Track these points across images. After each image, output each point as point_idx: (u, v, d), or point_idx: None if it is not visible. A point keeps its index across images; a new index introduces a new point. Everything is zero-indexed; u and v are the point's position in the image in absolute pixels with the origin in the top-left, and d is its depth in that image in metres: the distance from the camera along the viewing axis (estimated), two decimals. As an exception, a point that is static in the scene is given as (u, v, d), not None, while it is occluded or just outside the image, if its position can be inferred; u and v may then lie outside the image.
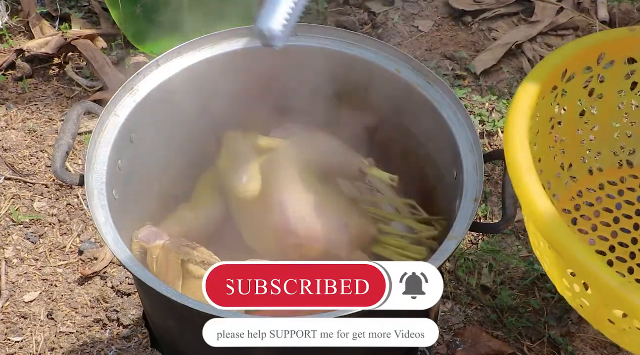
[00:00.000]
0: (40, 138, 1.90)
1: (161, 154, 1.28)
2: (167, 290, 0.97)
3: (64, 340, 1.54)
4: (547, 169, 1.05)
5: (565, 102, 1.02)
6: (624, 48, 1.02)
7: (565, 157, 1.07)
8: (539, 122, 0.98)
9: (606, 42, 1.01)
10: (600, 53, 1.01)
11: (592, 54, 1.00)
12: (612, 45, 1.01)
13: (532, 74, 0.96)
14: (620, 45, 1.02)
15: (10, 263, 1.66)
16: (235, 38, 1.27)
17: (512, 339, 1.52)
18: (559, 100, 1.01)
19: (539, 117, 0.98)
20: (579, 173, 1.11)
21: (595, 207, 1.11)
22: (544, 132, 1.01)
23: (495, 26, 2.21)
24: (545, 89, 0.96)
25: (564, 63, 0.98)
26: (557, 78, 0.98)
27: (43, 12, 2.21)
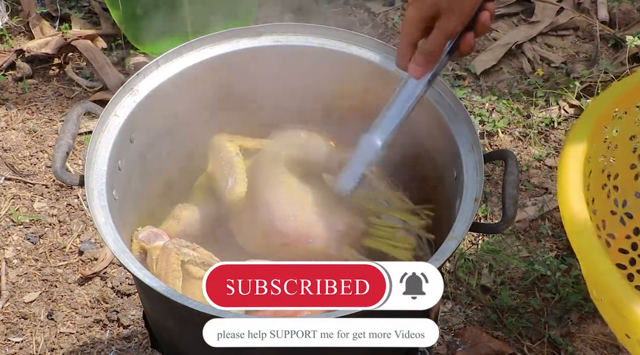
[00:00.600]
0: (40, 138, 1.90)
1: (161, 154, 1.28)
2: (167, 291, 0.97)
3: (63, 340, 1.54)
4: (600, 208, 1.02)
5: (617, 139, 1.00)
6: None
7: (619, 193, 1.04)
8: (591, 163, 0.97)
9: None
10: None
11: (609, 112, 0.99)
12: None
13: (581, 119, 0.93)
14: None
15: (10, 263, 1.66)
16: (235, 38, 1.27)
17: (512, 339, 1.52)
18: (611, 138, 0.99)
19: (592, 159, 0.97)
20: (635, 209, 1.08)
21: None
22: (597, 170, 0.99)
23: (495, 26, 2.22)
24: (596, 131, 0.94)
25: (614, 103, 0.96)
26: (608, 118, 0.96)
27: (43, 12, 2.21)
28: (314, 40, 1.27)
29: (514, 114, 1.95)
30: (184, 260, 1.15)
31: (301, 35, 1.27)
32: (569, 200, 0.87)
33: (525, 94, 2.00)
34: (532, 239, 1.70)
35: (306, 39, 1.27)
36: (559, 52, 2.14)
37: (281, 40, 1.27)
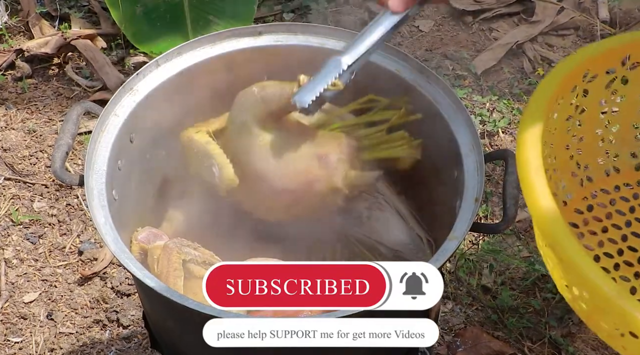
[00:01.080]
0: (40, 138, 1.90)
1: (161, 154, 1.28)
2: (167, 291, 0.97)
3: (63, 340, 1.53)
4: (562, 168, 1.03)
5: (586, 102, 1.01)
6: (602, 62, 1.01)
7: (582, 157, 1.05)
8: (557, 121, 0.97)
9: (632, 43, 0.99)
10: (626, 54, 0.99)
11: (616, 55, 0.98)
12: (638, 47, 0.99)
13: (552, 72, 0.94)
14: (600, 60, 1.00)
15: (10, 263, 1.66)
16: (235, 38, 1.27)
17: (512, 340, 1.52)
18: (580, 100, 0.99)
19: (558, 116, 0.97)
20: (595, 173, 1.09)
21: (608, 209, 1.10)
22: (561, 130, 0.99)
23: (496, 26, 2.21)
24: (564, 88, 0.95)
25: (586, 63, 0.96)
26: (578, 78, 0.96)
27: (42, 11, 2.21)
28: (314, 40, 1.27)
29: (514, 113, 1.95)
30: (185, 259, 1.14)
31: (301, 35, 1.27)
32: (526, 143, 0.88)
33: (526, 93, 2.00)
34: (532, 239, 1.69)
35: (306, 39, 1.27)
36: (560, 51, 2.14)
37: (281, 40, 1.27)
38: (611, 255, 1.05)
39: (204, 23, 2.03)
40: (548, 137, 0.97)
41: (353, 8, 2.25)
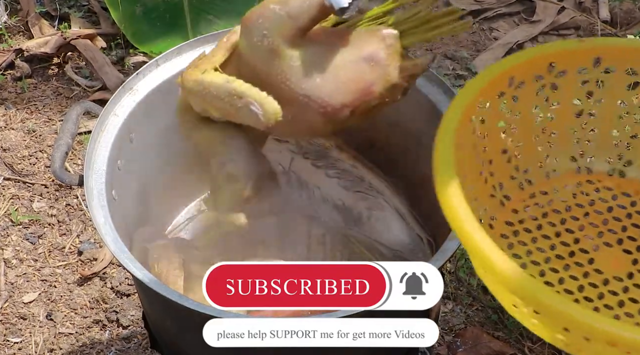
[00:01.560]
0: (40, 138, 1.90)
1: (161, 153, 1.27)
2: (166, 291, 0.97)
3: (63, 341, 1.53)
4: (498, 172, 1.04)
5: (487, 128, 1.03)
6: (573, 58, 1.02)
7: (520, 160, 1.06)
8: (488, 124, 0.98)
9: (555, 52, 1.01)
10: (550, 62, 1.02)
11: (541, 62, 1.00)
12: (561, 56, 1.01)
13: (475, 79, 0.96)
14: (569, 55, 1.02)
15: (9, 263, 1.65)
16: (234, 37, 1.26)
17: (512, 340, 1.52)
18: (511, 106, 1.01)
19: (487, 120, 0.98)
20: (535, 177, 1.10)
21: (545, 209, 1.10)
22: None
23: (496, 25, 2.21)
24: (489, 92, 0.96)
25: (510, 69, 0.98)
26: (504, 84, 0.98)
27: (42, 11, 2.21)
28: (314, 39, 1.27)
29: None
30: (185, 258, 1.14)
31: (301, 35, 1.27)
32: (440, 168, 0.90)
33: (525, 93, 2.00)
34: (533, 239, 1.69)
35: (306, 39, 1.27)
36: (560, 51, 2.14)
37: (281, 39, 1.27)
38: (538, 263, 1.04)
39: (203, 23, 2.03)
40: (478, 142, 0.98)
41: (353, 8, 2.25)
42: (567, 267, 1.00)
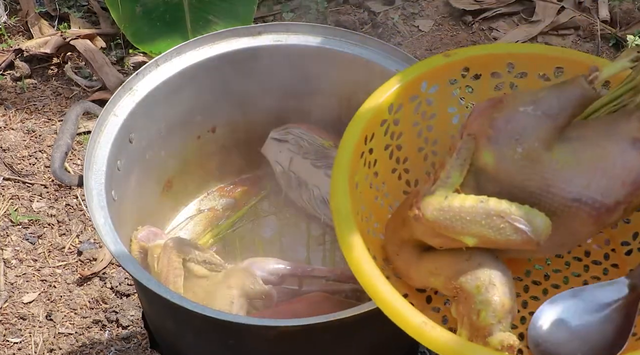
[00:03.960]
0: (39, 138, 1.90)
1: (160, 153, 1.27)
2: (166, 291, 0.97)
3: (62, 341, 1.53)
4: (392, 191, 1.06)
5: (402, 128, 1.05)
6: (442, 73, 1.05)
7: (410, 175, 1.08)
8: (376, 152, 1.00)
9: (425, 71, 1.04)
10: (422, 82, 1.04)
11: (415, 83, 1.03)
12: (430, 73, 1.04)
13: (356, 116, 0.98)
14: (439, 71, 1.04)
15: (9, 264, 1.65)
16: (234, 37, 1.27)
17: (512, 340, 1.52)
18: (393, 128, 1.03)
19: (375, 149, 1.00)
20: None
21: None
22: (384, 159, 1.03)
23: (496, 25, 2.21)
24: (372, 126, 0.99)
25: (389, 99, 1.00)
26: (384, 112, 1.00)
27: (42, 11, 2.21)
28: (314, 40, 1.27)
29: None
30: (185, 258, 1.14)
31: (301, 35, 1.27)
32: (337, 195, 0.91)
33: (525, 93, 2.00)
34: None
35: (306, 39, 1.27)
36: (560, 51, 2.14)
37: (281, 40, 1.27)
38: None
39: (203, 23, 2.03)
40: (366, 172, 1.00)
41: (353, 8, 2.25)
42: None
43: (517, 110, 0.89)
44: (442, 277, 0.90)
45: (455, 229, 0.86)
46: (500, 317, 0.84)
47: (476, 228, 0.86)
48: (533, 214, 0.85)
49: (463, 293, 0.87)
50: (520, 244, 0.86)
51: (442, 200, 0.87)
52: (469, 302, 0.86)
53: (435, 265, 0.91)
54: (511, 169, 0.88)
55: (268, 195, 1.38)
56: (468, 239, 0.87)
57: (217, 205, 1.39)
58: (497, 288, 0.86)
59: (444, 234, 0.88)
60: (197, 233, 1.34)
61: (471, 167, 0.91)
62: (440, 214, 0.87)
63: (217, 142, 1.34)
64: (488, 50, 1.08)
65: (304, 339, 1.03)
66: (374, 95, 1.00)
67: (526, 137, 0.88)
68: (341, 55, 1.25)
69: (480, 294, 0.86)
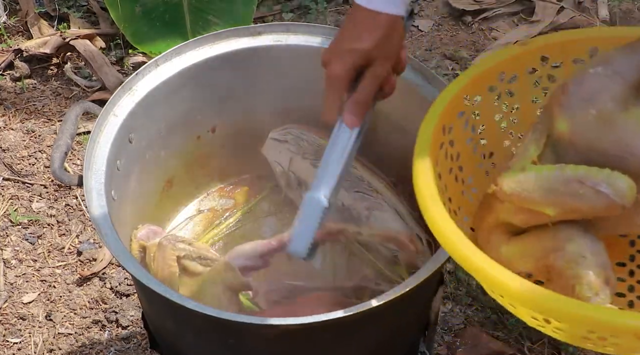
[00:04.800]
0: (39, 138, 1.90)
1: (160, 153, 1.27)
2: (166, 291, 0.97)
3: (62, 341, 1.53)
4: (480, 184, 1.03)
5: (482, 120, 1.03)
6: (521, 62, 1.02)
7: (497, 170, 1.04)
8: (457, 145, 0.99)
9: (502, 61, 1.01)
10: (500, 72, 1.01)
11: (492, 74, 1.01)
12: (508, 63, 1.02)
13: (431, 108, 0.96)
14: (517, 61, 1.02)
15: (9, 264, 1.65)
16: (234, 38, 1.27)
17: (512, 340, 1.52)
18: (473, 121, 1.01)
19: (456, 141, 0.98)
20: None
21: None
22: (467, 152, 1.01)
23: (495, 25, 2.21)
24: (449, 117, 0.97)
25: (465, 89, 0.98)
26: (460, 103, 0.98)
27: (41, 11, 2.21)
28: (314, 40, 1.27)
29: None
30: (179, 255, 1.14)
31: (301, 35, 1.27)
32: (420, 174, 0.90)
33: (525, 93, 2.00)
34: (532, 239, 1.69)
35: (306, 39, 1.27)
36: (559, 51, 2.14)
37: (281, 40, 1.27)
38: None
39: (203, 23, 2.03)
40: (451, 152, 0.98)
41: (352, 8, 2.25)
42: None
43: (587, 72, 0.86)
44: (532, 259, 0.87)
45: (535, 200, 0.83)
46: (596, 290, 0.80)
47: (555, 196, 0.82)
48: (614, 177, 0.81)
49: (555, 271, 0.84)
50: (604, 209, 0.81)
51: (518, 173, 0.85)
52: (562, 279, 0.83)
53: (524, 248, 0.88)
54: (587, 133, 0.85)
55: (268, 195, 1.38)
56: (549, 209, 0.84)
57: (217, 206, 1.38)
58: (588, 260, 0.82)
59: (525, 208, 0.85)
60: (197, 233, 1.34)
61: (548, 139, 0.89)
62: (518, 186, 0.84)
63: (217, 142, 1.34)
64: (566, 36, 1.04)
65: (304, 338, 1.02)
66: (448, 87, 0.98)
67: (598, 97, 0.84)
68: (341, 55, 1.25)
69: (571, 268, 0.82)
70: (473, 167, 1.02)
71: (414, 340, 1.23)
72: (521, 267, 0.89)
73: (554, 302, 0.75)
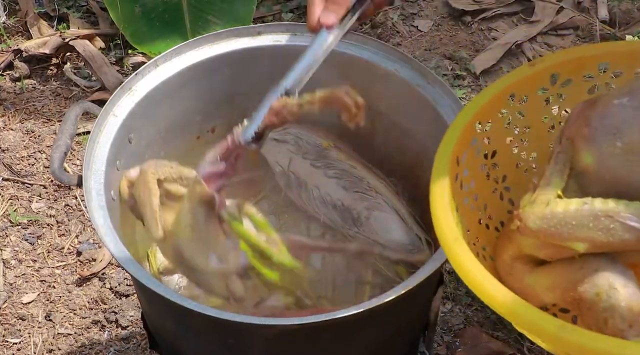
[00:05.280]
0: (38, 138, 1.90)
1: (160, 154, 1.27)
2: (166, 291, 0.97)
3: (62, 341, 1.53)
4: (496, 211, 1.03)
5: (493, 146, 1.03)
6: (529, 84, 1.01)
7: (512, 193, 1.04)
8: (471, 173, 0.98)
9: (511, 83, 1.00)
10: (510, 93, 1.01)
11: (502, 98, 1.00)
12: (517, 85, 1.01)
13: (444, 138, 0.96)
14: (525, 82, 1.01)
15: (8, 264, 1.65)
16: (234, 38, 1.27)
17: (512, 340, 1.52)
18: (485, 147, 1.01)
19: (469, 170, 0.97)
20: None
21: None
22: (481, 179, 1.01)
23: (495, 26, 2.21)
24: (462, 146, 0.96)
25: (476, 116, 0.98)
26: (472, 131, 0.98)
27: (41, 11, 2.21)
28: (313, 40, 1.27)
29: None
30: (160, 178, 1.11)
31: (301, 35, 1.27)
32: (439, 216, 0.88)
33: (524, 93, 2.00)
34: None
35: (306, 39, 1.27)
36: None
37: (281, 40, 1.27)
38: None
39: (202, 23, 2.03)
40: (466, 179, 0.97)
41: (352, 8, 2.24)
42: None
43: (612, 103, 0.85)
44: (559, 291, 0.85)
45: (562, 236, 0.82)
46: (630, 321, 0.78)
47: (584, 232, 0.81)
48: None
49: (585, 304, 0.81)
50: (635, 243, 0.80)
51: (543, 208, 0.83)
52: (593, 312, 0.80)
53: (550, 280, 0.86)
54: (613, 166, 0.83)
55: (268, 195, 1.38)
56: (578, 245, 0.82)
57: (217, 206, 1.38)
58: (619, 292, 0.80)
59: (551, 243, 0.83)
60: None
61: (572, 171, 0.87)
62: (544, 222, 0.82)
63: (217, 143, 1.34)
64: (575, 54, 1.02)
65: (304, 338, 1.03)
66: (459, 116, 0.97)
67: (624, 130, 0.82)
68: (340, 55, 1.25)
69: (602, 301, 0.80)
70: (488, 193, 1.01)
71: (413, 340, 1.23)
72: (547, 299, 0.87)
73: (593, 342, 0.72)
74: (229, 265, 1.07)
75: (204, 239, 1.06)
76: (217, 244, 1.07)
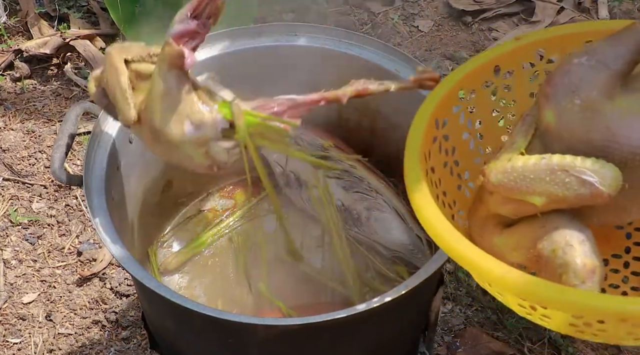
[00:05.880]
0: (39, 138, 1.90)
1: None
2: (165, 291, 0.97)
3: (62, 341, 1.53)
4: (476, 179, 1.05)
5: (478, 116, 1.04)
6: (516, 57, 1.03)
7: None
8: (453, 140, 1.00)
9: (496, 56, 1.02)
10: (495, 65, 1.02)
11: (486, 70, 1.01)
12: (503, 58, 1.02)
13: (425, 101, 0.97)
14: (512, 56, 1.02)
15: (9, 264, 1.65)
16: (234, 38, 1.27)
17: (512, 340, 1.52)
18: (468, 115, 1.02)
19: (451, 136, 0.99)
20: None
21: None
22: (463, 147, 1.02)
23: (495, 26, 2.21)
24: (443, 111, 0.97)
25: (457, 84, 0.99)
26: (454, 98, 0.99)
27: (41, 11, 2.21)
28: (314, 40, 1.27)
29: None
30: (127, 58, 1.06)
31: (301, 35, 1.27)
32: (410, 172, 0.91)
33: (525, 94, 2.00)
34: (532, 240, 1.69)
35: (306, 39, 1.27)
36: (559, 52, 2.14)
37: (281, 40, 1.27)
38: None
39: (203, 23, 2.02)
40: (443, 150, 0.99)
41: (352, 8, 2.25)
42: None
43: (572, 62, 0.86)
44: (523, 250, 0.87)
45: (521, 190, 0.85)
46: (583, 278, 0.81)
47: (542, 186, 0.84)
48: (599, 165, 0.82)
49: (542, 260, 0.84)
50: (589, 198, 0.82)
51: (505, 163, 0.86)
52: (550, 268, 0.83)
53: (515, 239, 0.89)
54: (572, 123, 0.85)
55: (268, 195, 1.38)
56: (535, 199, 0.85)
57: (217, 206, 1.39)
58: (575, 248, 0.82)
59: (513, 199, 0.86)
60: (197, 233, 1.34)
61: (536, 130, 0.90)
62: (504, 176, 0.85)
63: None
64: (561, 31, 1.04)
65: (304, 338, 1.03)
66: (442, 82, 0.99)
67: (583, 87, 0.85)
68: (341, 55, 1.25)
69: (558, 257, 0.83)
70: (470, 161, 1.02)
71: (414, 340, 1.23)
72: (513, 259, 0.89)
73: (535, 287, 0.75)
74: (206, 132, 1.02)
75: (178, 108, 1.01)
76: (192, 110, 1.02)
